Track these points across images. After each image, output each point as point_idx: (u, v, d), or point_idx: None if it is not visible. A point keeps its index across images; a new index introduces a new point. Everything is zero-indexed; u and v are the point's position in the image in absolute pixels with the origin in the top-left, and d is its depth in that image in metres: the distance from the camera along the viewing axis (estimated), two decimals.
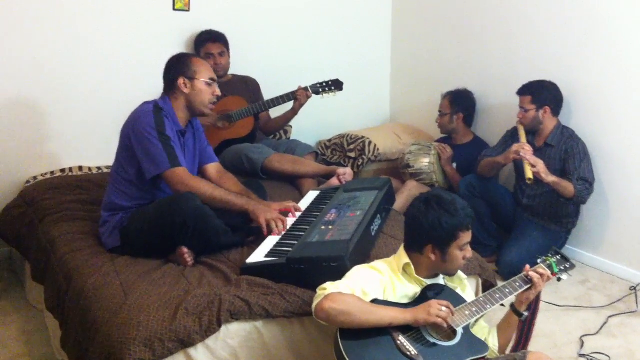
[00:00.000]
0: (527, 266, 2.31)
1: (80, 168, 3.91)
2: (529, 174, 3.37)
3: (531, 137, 3.68)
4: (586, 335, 3.05)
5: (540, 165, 3.38)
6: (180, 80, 2.83)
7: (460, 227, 2.16)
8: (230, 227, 2.80)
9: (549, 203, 3.66)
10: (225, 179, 3.12)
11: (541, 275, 2.26)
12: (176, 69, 2.86)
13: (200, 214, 2.64)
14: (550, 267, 2.37)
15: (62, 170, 3.86)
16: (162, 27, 4.09)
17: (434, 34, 4.72)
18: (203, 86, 2.85)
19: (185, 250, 2.67)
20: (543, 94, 3.63)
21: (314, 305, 2.04)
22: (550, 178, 3.40)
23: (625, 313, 3.27)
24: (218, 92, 2.92)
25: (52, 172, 3.82)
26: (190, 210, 2.60)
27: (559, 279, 2.40)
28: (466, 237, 2.19)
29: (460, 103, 4.24)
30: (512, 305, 2.28)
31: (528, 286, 2.26)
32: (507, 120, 3.97)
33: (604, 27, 3.53)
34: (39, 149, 3.84)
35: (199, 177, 2.88)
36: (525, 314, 2.26)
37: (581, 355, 2.87)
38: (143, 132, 2.73)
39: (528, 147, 3.47)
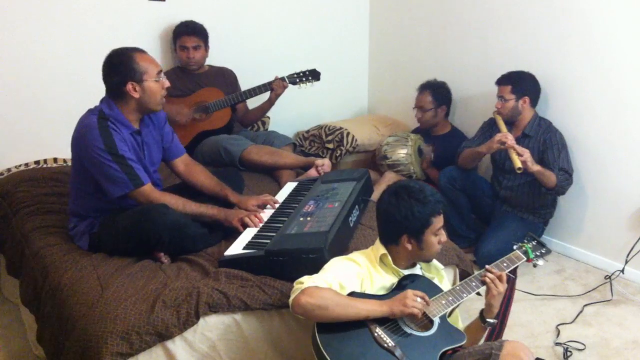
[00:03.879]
0: (487, 266, 2.28)
1: (55, 160, 3.87)
2: (517, 163, 3.33)
3: (509, 127, 3.68)
4: (562, 324, 3.08)
5: (527, 155, 3.36)
6: (129, 86, 2.62)
7: (432, 214, 2.19)
8: (207, 226, 2.78)
9: (526, 194, 3.68)
10: (195, 171, 3.04)
11: (498, 277, 2.22)
12: (121, 74, 2.62)
13: (175, 226, 2.59)
14: (526, 252, 2.40)
15: (37, 162, 3.81)
16: (137, 17, 4.03)
17: (412, 25, 4.72)
18: (153, 85, 2.65)
19: (161, 254, 2.66)
20: (523, 84, 3.63)
21: (290, 300, 2.04)
22: (535, 167, 3.39)
23: (600, 302, 3.31)
24: (167, 83, 2.72)
25: (27, 164, 3.77)
26: (165, 224, 2.56)
27: (535, 265, 2.42)
28: (439, 221, 2.22)
29: (442, 97, 4.22)
30: (481, 311, 2.28)
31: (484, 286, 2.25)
32: (484, 111, 3.98)
33: (581, 18, 3.55)
34: (12, 141, 3.78)
35: (166, 193, 2.76)
36: (491, 321, 2.23)
37: (557, 344, 2.90)
38: (94, 155, 2.56)
39: (511, 137, 3.46)
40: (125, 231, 2.61)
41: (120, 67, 2.63)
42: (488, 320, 2.23)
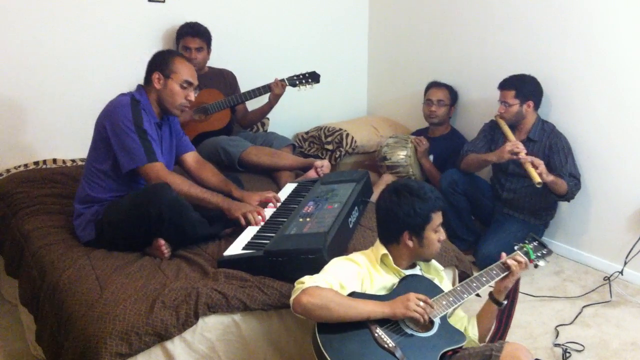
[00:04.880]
0: (504, 254, 2.33)
1: (55, 161, 3.86)
2: (537, 178, 3.27)
3: (512, 131, 3.63)
4: (561, 325, 3.08)
5: (542, 167, 3.31)
6: (155, 75, 2.82)
7: (432, 210, 2.22)
8: (207, 219, 2.80)
9: (529, 197, 3.66)
10: (204, 169, 3.12)
11: (519, 262, 2.29)
12: (155, 63, 2.85)
13: (175, 205, 2.63)
14: (527, 253, 2.40)
15: (36, 163, 3.81)
16: (137, 19, 4.03)
17: (411, 26, 4.72)
18: (176, 87, 2.83)
19: (162, 242, 2.65)
20: (526, 88, 3.58)
21: (291, 300, 2.04)
22: (549, 177, 3.34)
23: (599, 303, 3.31)
24: (192, 97, 2.89)
25: (26, 165, 3.76)
26: (165, 201, 2.59)
27: (535, 266, 2.42)
28: (438, 218, 2.25)
29: (454, 96, 4.29)
30: (491, 294, 2.31)
31: (505, 274, 2.28)
32: (484, 113, 3.98)
33: (582, 20, 3.55)
34: (12, 141, 3.78)
35: (175, 173, 2.85)
36: (504, 302, 2.29)
37: (556, 345, 2.90)
38: (120, 124, 2.70)
39: (522, 146, 3.39)
40: (126, 211, 2.65)
41: (158, 58, 2.88)
42: (503, 301, 2.29)
